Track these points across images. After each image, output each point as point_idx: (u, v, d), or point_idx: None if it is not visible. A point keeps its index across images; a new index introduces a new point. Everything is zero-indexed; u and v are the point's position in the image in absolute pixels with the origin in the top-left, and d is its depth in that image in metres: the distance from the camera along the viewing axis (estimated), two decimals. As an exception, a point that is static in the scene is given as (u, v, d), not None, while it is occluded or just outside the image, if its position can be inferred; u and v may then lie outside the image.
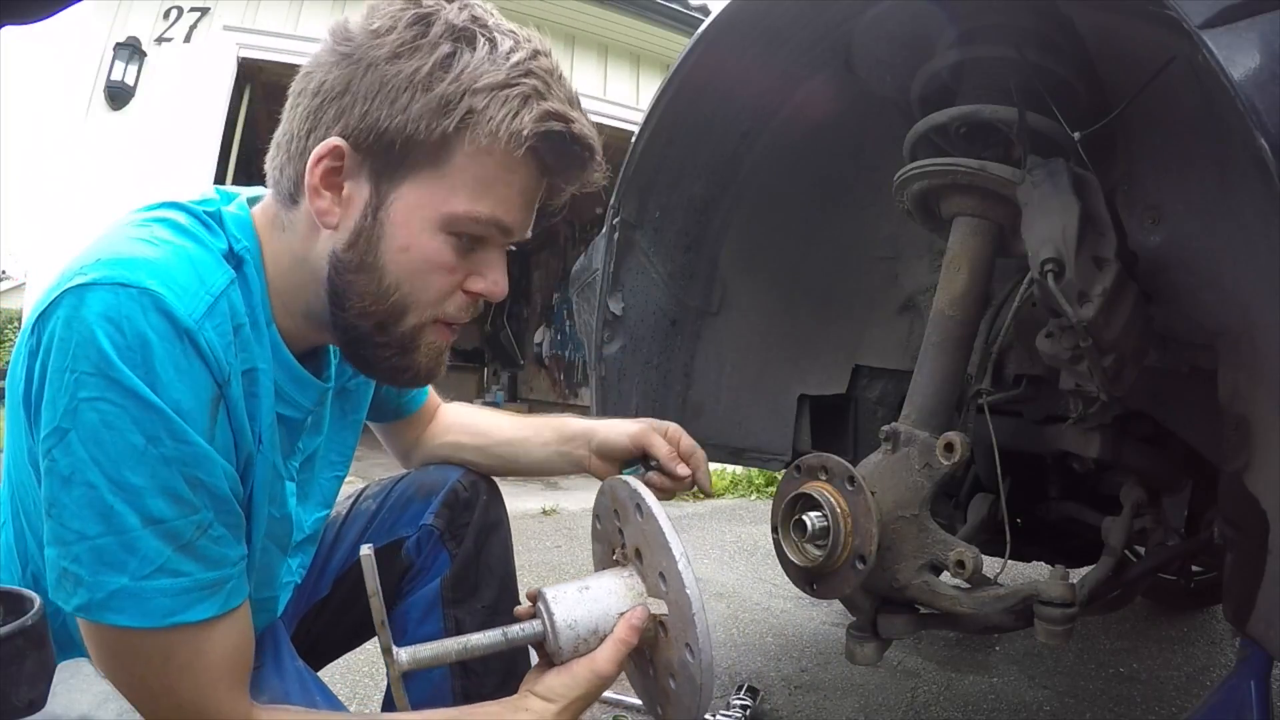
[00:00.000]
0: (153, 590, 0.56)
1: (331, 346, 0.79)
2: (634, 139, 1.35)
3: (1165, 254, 0.92)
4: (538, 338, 8.50)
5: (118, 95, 3.89)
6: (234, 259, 0.66)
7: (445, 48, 0.62)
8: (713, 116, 1.32)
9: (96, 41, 3.89)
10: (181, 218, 0.65)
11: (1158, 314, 0.92)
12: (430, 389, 1.05)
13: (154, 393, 0.55)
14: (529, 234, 0.72)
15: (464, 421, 1.06)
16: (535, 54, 0.66)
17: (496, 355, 9.56)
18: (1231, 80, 0.61)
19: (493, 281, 0.70)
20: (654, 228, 1.42)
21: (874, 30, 1.13)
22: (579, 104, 0.68)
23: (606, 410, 1.46)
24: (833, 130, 1.33)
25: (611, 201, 1.41)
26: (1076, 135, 0.84)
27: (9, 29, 0.48)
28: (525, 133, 0.62)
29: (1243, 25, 0.63)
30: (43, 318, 0.55)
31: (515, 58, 0.64)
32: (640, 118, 1.34)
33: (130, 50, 3.90)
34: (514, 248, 0.73)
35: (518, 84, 0.63)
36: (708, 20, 1.20)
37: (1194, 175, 0.88)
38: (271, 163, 0.69)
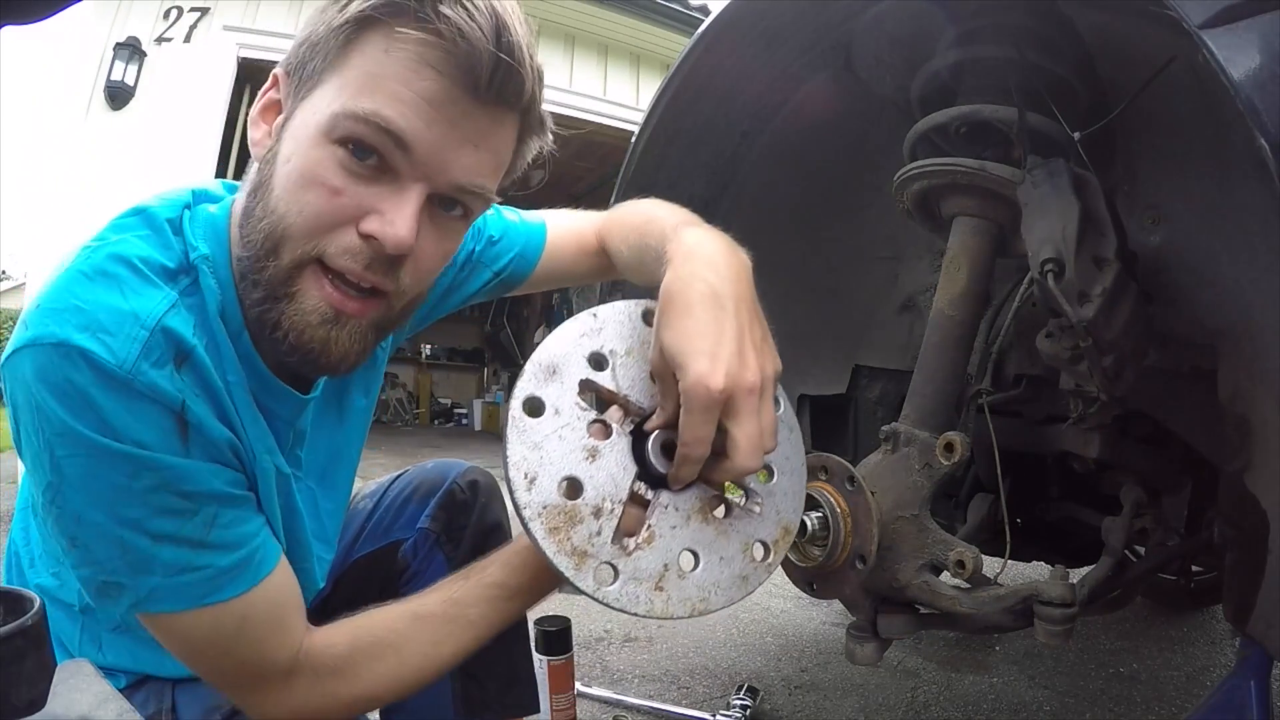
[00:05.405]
0: (183, 584, 0.59)
1: None
2: (634, 139, 1.35)
3: (1165, 254, 0.92)
4: (538, 338, 8.42)
5: (118, 95, 3.88)
6: (188, 271, 0.62)
7: None
8: (713, 116, 1.32)
9: (96, 41, 3.88)
10: (133, 234, 0.62)
11: (1158, 314, 0.92)
12: (548, 222, 0.96)
13: (117, 441, 0.55)
14: (476, 182, 0.62)
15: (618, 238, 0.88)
16: None
17: (496, 355, 9.56)
18: (1231, 80, 0.61)
19: (388, 221, 0.58)
20: (654, 228, 1.42)
21: (874, 30, 1.13)
22: (508, 25, 0.58)
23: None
24: (833, 130, 1.33)
25: (612, 201, 1.41)
26: (1076, 135, 0.85)
27: (9, 29, 0.48)
28: (362, 10, 0.57)
29: (1243, 25, 0.63)
30: (4, 368, 0.56)
31: None
32: (640, 118, 1.34)
33: (130, 50, 3.89)
34: (460, 212, 0.64)
35: None
36: (708, 20, 1.20)
37: (1194, 175, 0.88)
38: None
